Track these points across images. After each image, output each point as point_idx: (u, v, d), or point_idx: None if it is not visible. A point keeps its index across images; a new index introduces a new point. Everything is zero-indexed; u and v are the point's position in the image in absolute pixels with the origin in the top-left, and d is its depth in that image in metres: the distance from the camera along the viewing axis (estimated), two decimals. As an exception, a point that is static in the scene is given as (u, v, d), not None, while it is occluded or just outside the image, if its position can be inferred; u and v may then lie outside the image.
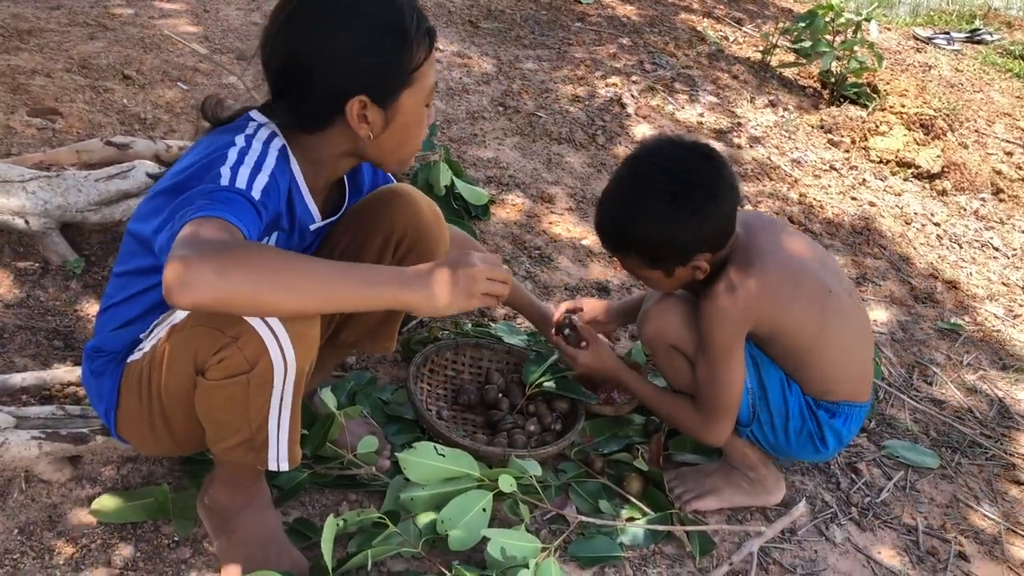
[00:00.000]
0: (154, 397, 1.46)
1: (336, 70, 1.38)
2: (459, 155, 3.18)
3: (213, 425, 1.44)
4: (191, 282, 1.13)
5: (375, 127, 1.44)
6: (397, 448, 1.88)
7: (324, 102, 1.41)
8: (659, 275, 1.80)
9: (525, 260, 2.76)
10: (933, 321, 3.03)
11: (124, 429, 1.56)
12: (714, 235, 1.74)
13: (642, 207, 1.72)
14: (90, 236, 2.34)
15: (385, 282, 1.28)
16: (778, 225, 1.94)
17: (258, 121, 1.45)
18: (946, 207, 3.90)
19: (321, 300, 1.23)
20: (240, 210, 1.26)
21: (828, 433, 1.86)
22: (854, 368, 1.88)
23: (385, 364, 2.23)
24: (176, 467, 1.80)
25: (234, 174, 1.31)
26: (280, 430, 1.43)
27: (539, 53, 4.12)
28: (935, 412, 2.51)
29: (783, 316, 1.78)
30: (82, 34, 3.31)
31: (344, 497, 1.82)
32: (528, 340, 2.32)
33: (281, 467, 1.46)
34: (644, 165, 1.76)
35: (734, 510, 1.98)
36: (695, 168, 1.72)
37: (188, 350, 1.37)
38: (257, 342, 1.32)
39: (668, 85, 4.11)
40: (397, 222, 1.68)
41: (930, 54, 5.75)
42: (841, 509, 2.08)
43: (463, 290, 1.33)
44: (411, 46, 1.41)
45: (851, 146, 4.14)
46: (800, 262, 1.83)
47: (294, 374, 1.37)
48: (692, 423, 1.87)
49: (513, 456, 1.82)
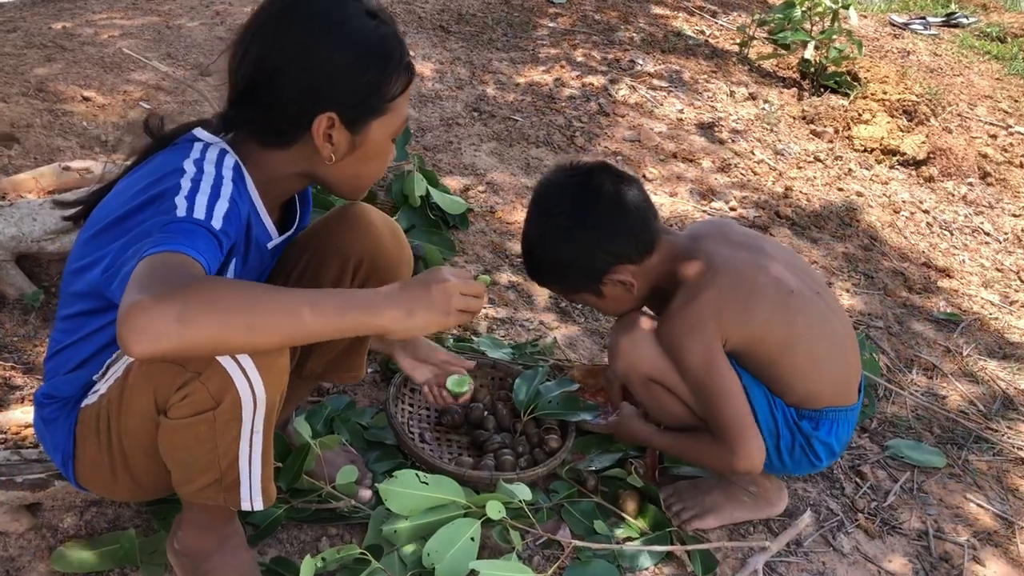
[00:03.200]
0: (114, 441, 1.38)
1: (312, 81, 1.32)
2: (434, 163, 3.12)
3: (179, 467, 1.36)
4: (150, 331, 1.05)
5: (339, 150, 1.37)
6: (378, 476, 1.82)
7: (293, 114, 1.34)
8: (591, 298, 1.79)
9: (507, 269, 2.69)
10: (929, 311, 2.96)
11: (84, 477, 1.48)
12: (623, 245, 1.72)
13: (545, 235, 1.75)
14: (48, 266, 2.24)
15: (355, 307, 1.21)
16: (729, 227, 1.88)
17: (204, 140, 1.36)
18: (934, 193, 3.85)
19: (288, 334, 1.17)
20: (200, 242, 1.19)
21: (816, 445, 1.77)
22: (832, 370, 1.78)
23: (364, 386, 2.14)
24: (143, 509, 1.71)
25: (190, 203, 1.23)
26: (252, 467, 1.35)
27: (512, 56, 4.06)
28: (938, 407, 2.43)
29: (747, 319, 1.70)
30: (39, 56, 3.21)
31: (324, 532, 1.74)
32: (513, 354, 2.23)
33: (255, 506, 1.39)
34: (542, 194, 1.78)
35: (736, 524, 1.90)
36: (590, 186, 1.72)
37: (148, 389, 1.29)
38: (222, 376, 1.24)
39: (646, 82, 4.05)
40: (353, 246, 1.62)
41: (908, 40, 5.72)
42: (847, 516, 2.00)
43: (438, 308, 1.27)
44: (391, 75, 1.36)
45: (834, 136, 4.10)
46: (754, 262, 1.75)
47: (264, 407, 1.29)
48: (718, 457, 1.74)
49: (501, 480, 1.75)
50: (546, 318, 2.51)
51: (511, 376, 2.12)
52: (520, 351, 2.26)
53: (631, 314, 1.81)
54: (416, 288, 1.27)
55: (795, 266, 1.82)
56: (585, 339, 2.46)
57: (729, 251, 1.75)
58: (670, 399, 1.77)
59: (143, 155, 1.41)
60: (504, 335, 2.37)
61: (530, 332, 2.43)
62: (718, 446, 1.72)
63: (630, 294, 1.77)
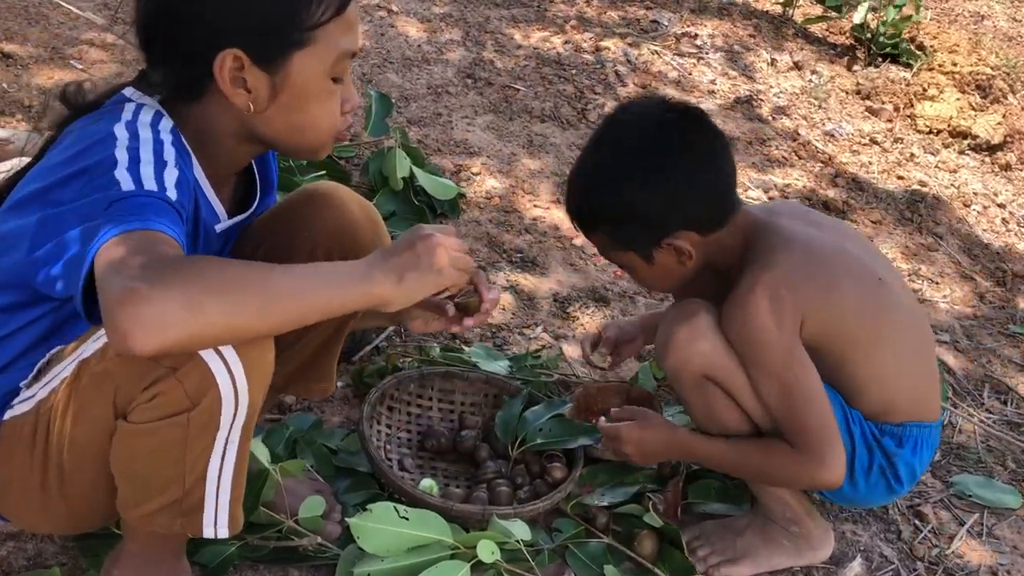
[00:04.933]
0: (51, 456, 1.39)
1: (206, 11, 1.33)
2: (420, 139, 3.15)
3: (133, 483, 1.37)
4: (155, 322, 1.09)
5: (257, 96, 1.37)
6: (349, 510, 1.84)
7: (193, 54, 1.34)
8: (637, 261, 1.79)
9: (504, 265, 2.72)
10: (1004, 324, 3.00)
11: (5, 504, 1.49)
12: (698, 209, 1.74)
13: (608, 171, 1.76)
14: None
15: (350, 280, 1.29)
16: (806, 209, 1.96)
17: (136, 101, 1.38)
18: (1011, 184, 3.90)
19: (296, 312, 1.23)
20: (164, 217, 1.22)
21: (900, 465, 1.80)
22: (917, 377, 1.84)
23: (333, 403, 2.17)
24: (70, 544, 1.72)
25: (135, 175, 1.25)
26: (221, 485, 1.37)
27: (514, 13, 4.10)
28: (1012, 437, 2.47)
29: (829, 302, 1.74)
30: (-50, 4, 3.23)
31: (284, 574, 1.76)
32: (511, 367, 2.27)
33: (219, 533, 1.41)
34: (617, 125, 1.80)
35: (773, 573, 1.92)
36: (681, 129, 1.74)
37: (106, 389, 1.31)
38: (203, 372, 1.26)
39: (672, 47, 4.09)
40: (321, 229, 1.65)
41: (983, 2, 5.76)
42: (904, 565, 2.03)
43: (430, 267, 1.34)
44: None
45: (894, 114, 4.13)
46: (839, 244, 1.81)
47: (244, 412, 1.32)
48: (792, 467, 1.75)
49: (495, 516, 1.77)
50: (551, 325, 2.54)
51: (507, 394, 2.15)
52: (519, 364, 2.29)
53: (689, 302, 1.82)
54: (401, 251, 1.33)
55: (878, 256, 1.88)
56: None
57: (812, 230, 1.80)
58: (726, 404, 1.78)
59: (62, 125, 1.43)
60: (500, 346, 2.40)
61: (531, 342, 2.46)
62: (797, 455, 1.73)
63: (682, 267, 1.78)
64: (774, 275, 1.71)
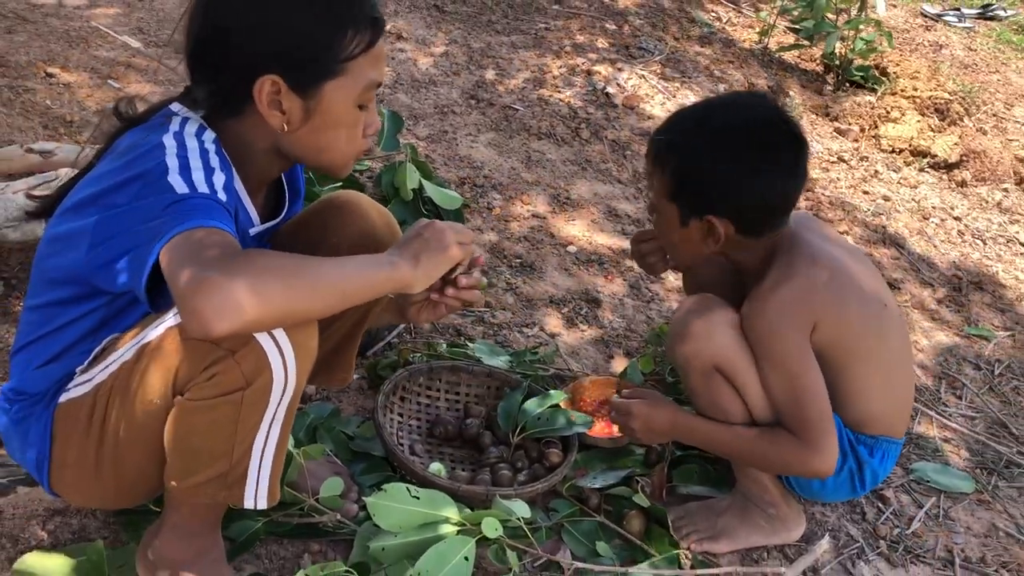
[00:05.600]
0: (108, 434, 1.41)
1: (251, 40, 1.36)
2: (428, 154, 3.15)
3: (185, 456, 1.38)
4: (229, 306, 1.13)
5: (291, 118, 1.40)
6: (365, 490, 1.85)
7: (237, 77, 1.37)
8: (674, 216, 1.77)
9: (505, 270, 2.73)
10: (959, 327, 3.01)
11: (59, 480, 1.50)
12: (748, 209, 1.73)
13: (706, 124, 1.75)
14: (9, 256, 2.27)
15: (378, 267, 1.35)
16: (825, 225, 1.94)
17: (181, 115, 1.41)
18: (967, 199, 3.91)
19: (339, 296, 1.28)
20: (219, 216, 1.26)
21: (867, 472, 1.83)
22: (896, 396, 1.86)
23: (349, 394, 2.18)
24: (111, 520, 1.73)
25: (188, 179, 1.28)
26: (264, 459, 1.40)
27: (514, 39, 4.10)
28: (967, 429, 2.48)
29: (840, 316, 1.75)
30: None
31: (306, 548, 1.77)
32: (511, 362, 2.27)
33: (259, 504, 1.43)
34: (737, 98, 1.84)
35: (750, 549, 1.94)
36: (777, 134, 1.74)
37: (167, 369, 1.33)
38: (258, 354, 1.29)
39: (657, 71, 4.10)
40: (345, 234, 1.67)
41: (941, 32, 5.79)
42: (868, 543, 2.04)
43: (440, 247, 1.42)
44: (344, 31, 1.37)
45: (860, 135, 4.15)
46: (851, 264, 1.82)
47: (291, 392, 1.35)
48: (791, 454, 1.76)
49: (498, 496, 1.77)
50: (548, 324, 2.55)
51: (508, 386, 2.16)
52: (519, 359, 2.29)
53: (706, 296, 1.83)
54: (411, 239, 1.42)
55: (883, 284, 1.88)
56: (589, 347, 2.50)
57: (828, 246, 1.81)
58: (730, 394, 1.79)
59: (114, 137, 1.45)
60: (502, 342, 2.41)
61: (529, 339, 2.47)
62: (796, 444, 1.74)
63: (702, 246, 1.78)
64: (799, 281, 1.72)
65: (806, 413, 1.74)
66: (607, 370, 2.42)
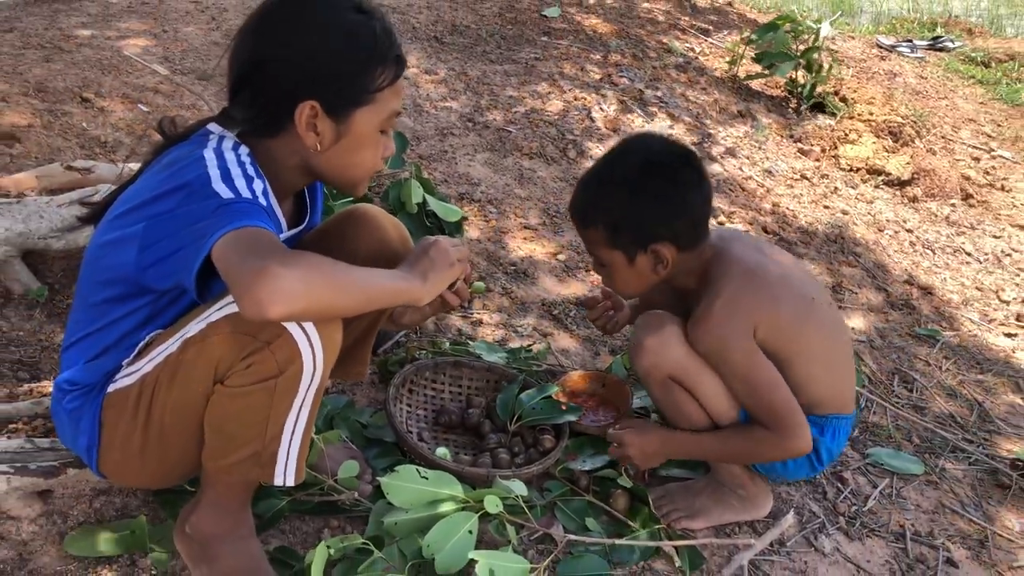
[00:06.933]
0: (153, 419, 1.44)
1: (294, 69, 1.40)
2: (429, 172, 3.18)
3: (222, 437, 1.42)
4: (284, 294, 1.17)
5: (324, 139, 1.45)
6: (378, 472, 1.88)
7: (278, 100, 1.42)
8: (621, 260, 1.79)
9: (501, 276, 2.77)
10: (910, 327, 3.08)
11: (107, 463, 1.53)
12: (680, 227, 1.76)
13: (612, 177, 1.78)
14: (53, 264, 2.31)
15: (393, 281, 1.41)
16: (751, 236, 1.97)
17: (218, 133, 1.45)
18: (918, 213, 3.97)
19: (365, 298, 1.34)
20: (263, 219, 1.29)
21: (822, 450, 1.87)
22: (839, 378, 1.89)
23: (362, 387, 2.21)
24: (150, 498, 1.76)
25: (231, 185, 1.31)
26: (293, 441, 1.43)
27: (507, 68, 4.14)
28: (917, 418, 2.54)
29: (776, 318, 1.78)
30: (37, 56, 3.28)
31: (326, 524, 1.80)
32: (507, 358, 2.32)
33: (288, 481, 1.46)
34: (624, 146, 1.83)
35: (722, 524, 1.98)
36: (672, 158, 1.78)
37: (210, 359, 1.36)
38: (291, 345, 1.33)
39: (637, 98, 4.15)
40: (360, 245, 1.71)
41: (894, 62, 5.87)
42: (829, 519, 2.09)
43: (444, 264, 1.49)
44: (375, 65, 1.43)
45: (821, 155, 4.21)
46: (780, 267, 1.85)
47: (318, 379, 1.39)
48: (770, 444, 1.79)
49: (498, 477, 1.81)
50: (540, 324, 2.60)
51: (506, 379, 2.20)
52: (515, 356, 2.33)
53: (656, 313, 1.85)
54: (419, 258, 1.48)
55: (809, 276, 1.92)
56: (577, 346, 2.55)
57: (756, 256, 1.83)
58: (689, 401, 1.83)
59: (157, 152, 1.48)
60: (500, 341, 2.45)
61: (523, 338, 2.51)
62: (771, 434, 1.78)
63: (655, 275, 1.80)
64: (729, 294, 1.75)
65: (772, 405, 1.77)
66: (593, 366, 2.47)
